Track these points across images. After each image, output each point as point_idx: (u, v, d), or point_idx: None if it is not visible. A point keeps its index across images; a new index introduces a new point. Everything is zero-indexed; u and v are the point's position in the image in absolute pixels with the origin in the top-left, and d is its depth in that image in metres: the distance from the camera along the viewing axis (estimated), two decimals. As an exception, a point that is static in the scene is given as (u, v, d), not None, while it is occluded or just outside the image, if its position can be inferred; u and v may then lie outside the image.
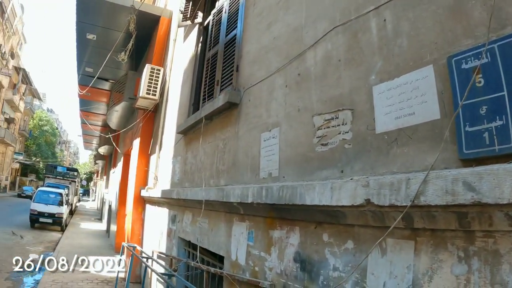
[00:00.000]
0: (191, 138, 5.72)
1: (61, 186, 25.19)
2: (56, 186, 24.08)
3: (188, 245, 5.58)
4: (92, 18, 11.13)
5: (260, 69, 3.88)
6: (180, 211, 5.72)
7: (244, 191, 3.38)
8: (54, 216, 18.64)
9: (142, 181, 8.83)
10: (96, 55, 13.55)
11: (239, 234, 3.71)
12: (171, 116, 7.45)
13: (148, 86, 8.35)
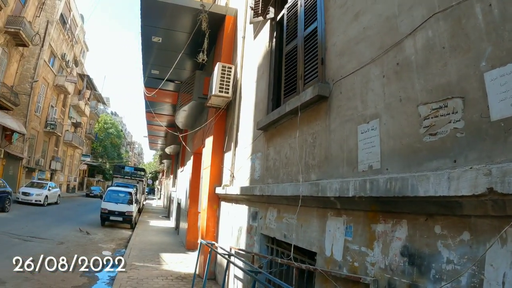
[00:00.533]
0: (273, 134, 5.74)
1: (130, 185, 26.07)
2: (125, 186, 24.91)
3: (271, 242, 5.61)
4: (157, 21, 11.41)
5: (351, 61, 3.83)
6: (263, 208, 5.76)
7: (344, 185, 3.33)
8: (124, 215, 19.36)
9: (216, 179, 8.98)
10: (161, 57, 13.92)
11: (334, 229, 3.67)
12: (247, 113, 7.51)
13: (221, 84, 8.46)
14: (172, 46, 13.14)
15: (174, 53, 13.45)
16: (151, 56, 14.00)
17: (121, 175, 34.18)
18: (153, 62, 14.55)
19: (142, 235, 16.20)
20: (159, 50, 13.43)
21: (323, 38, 4.54)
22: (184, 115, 13.57)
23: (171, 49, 13.36)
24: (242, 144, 7.51)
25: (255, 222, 6.06)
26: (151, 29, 11.92)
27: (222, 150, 9.10)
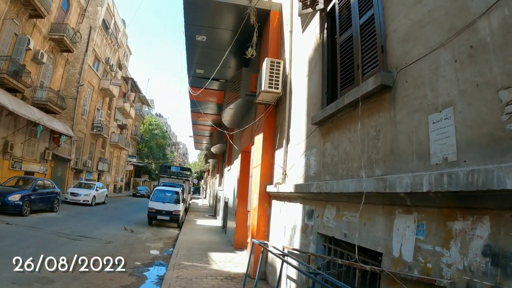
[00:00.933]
0: (329, 129, 5.56)
1: (176, 185, 26.34)
2: (171, 185, 25.19)
3: (328, 241, 5.44)
4: (200, 19, 11.40)
5: (416, 47, 3.62)
6: (320, 206, 5.59)
7: (416, 179, 3.12)
8: (171, 214, 19.57)
9: (267, 177, 8.87)
10: (206, 56, 13.94)
11: (403, 228, 3.47)
12: (298, 109, 7.36)
13: (270, 80, 8.33)
14: (216, 45, 13.13)
15: (218, 51, 13.45)
16: (196, 55, 14.05)
17: (168, 174, 34.59)
18: (198, 62, 14.61)
19: (190, 234, 16.33)
20: (203, 49, 13.46)
21: (381, 25, 4.34)
22: (231, 114, 13.54)
23: (215, 48, 13.36)
24: (294, 141, 7.36)
25: (311, 221, 5.90)
26: (194, 28, 11.95)
27: (273, 147, 8.98)
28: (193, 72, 15.83)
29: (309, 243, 5.95)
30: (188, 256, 11.13)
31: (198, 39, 12.71)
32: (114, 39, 44.00)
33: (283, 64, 8.56)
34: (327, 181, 5.27)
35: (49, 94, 27.81)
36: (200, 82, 15.61)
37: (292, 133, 7.58)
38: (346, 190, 4.39)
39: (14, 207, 16.37)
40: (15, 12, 22.50)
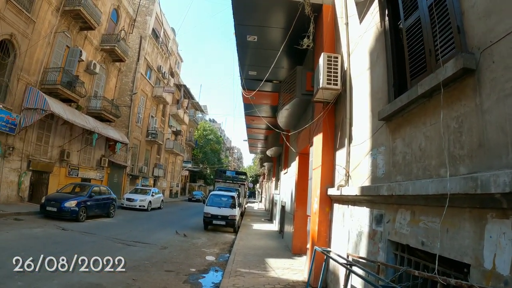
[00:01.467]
0: (399, 124, 5.07)
1: (232, 189, 26.29)
2: (227, 190, 25.16)
3: (401, 249, 4.95)
4: (250, 18, 11.16)
5: (503, 21, 3.11)
6: (390, 210, 5.10)
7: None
8: (227, 219, 19.46)
9: (327, 180, 8.42)
10: (258, 57, 13.71)
11: (497, 235, 2.95)
12: (360, 105, 6.90)
13: (328, 76, 7.91)
14: (268, 44, 12.86)
15: (270, 51, 13.17)
16: (247, 56, 13.85)
17: (223, 179, 34.75)
18: (250, 63, 14.40)
19: (246, 239, 16.10)
20: (255, 49, 13.23)
21: (454, 2, 3.85)
22: (287, 115, 13.16)
23: (267, 47, 13.09)
24: (357, 140, 6.89)
25: (380, 227, 5.42)
26: (245, 28, 11.74)
27: (333, 148, 8.53)
28: (245, 74, 15.64)
29: (377, 251, 5.48)
30: (244, 263, 10.86)
31: (249, 39, 12.50)
32: (165, 47, 44.98)
33: (340, 58, 8.12)
34: (399, 182, 4.77)
35: (103, 103, 28.58)
36: (253, 84, 15.40)
37: (355, 131, 7.11)
38: (425, 192, 3.89)
39: (70, 213, 16.81)
40: (65, 25, 23.29)
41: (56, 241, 12.00)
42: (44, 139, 22.80)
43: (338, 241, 7.66)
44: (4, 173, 19.15)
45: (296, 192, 13.11)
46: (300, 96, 10.85)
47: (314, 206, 8.79)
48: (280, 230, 18.95)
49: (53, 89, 21.70)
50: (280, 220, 19.50)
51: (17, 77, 19.52)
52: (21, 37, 19.31)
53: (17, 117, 19.53)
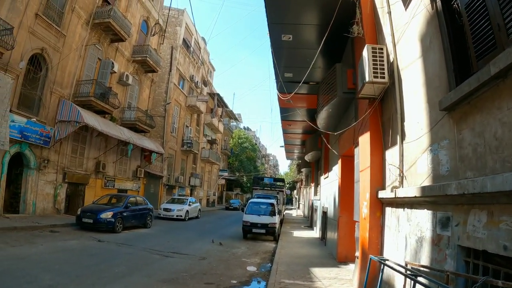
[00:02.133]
0: (465, 112, 4.48)
1: (270, 196, 25.86)
2: (266, 197, 24.76)
3: (474, 256, 4.36)
4: (284, 16, 10.81)
5: None
6: (459, 211, 4.50)
7: None
8: (267, 227, 18.99)
9: (377, 182, 7.84)
10: (293, 57, 13.32)
11: None
12: (413, 97, 6.32)
13: (374, 69, 7.36)
14: (304, 43, 12.45)
15: (306, 50, 12.74)
16: (283, 57, 13.48)
17: (260, 186, 34.42)
18: (285, 64, 14.02)
19: (287, 248, 15.59)
20: (290, 49, 12.85)
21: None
22: (327, 116, 12.64)
23: (303, 47, 12.69)
24: (411, 135, 6.30)
25: (446, 231, 4.83)
26: (279, 27, 11.38)
27: (381, 147, 7.96)
28: (281, 77, 15.24)
29: (444, 258, 4.88)
30: (288, 273, 10.35)
31: (284, 39, 12.12)
32: (196, 56, 45.30)
33: (385, 50, 7.58)
34: (472, 178, 4.18)
35: (138, 114, 28.82)
36: (289, 87, 14.98)
37: (408, 126, 6.52)
38: (509, 188, 3.32)
39: (106, 224, 16.78)
40: (96, 38, 23.61)
41: (91, 253, 11.84)
42: (79, 151, 23.05)
43: (392, 248, 7.07)
44: (39, 185, 19.34)
45: (340, 197, 12.53)
46: (341, 95, 10.37)
47: (363, 211, 8.22)
48: (322, 237, 18.36)
49: (86, 101, 21.90)
50: (321, 227, 18.92)
51: (50, 90, 19.77)
52: (52, 51, 19.54)
53: (51, 130, 19.78)
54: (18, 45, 16.85)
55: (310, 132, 24.67)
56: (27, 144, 18.30)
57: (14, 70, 16.82)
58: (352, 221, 10.92)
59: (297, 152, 35.39)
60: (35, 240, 12.73)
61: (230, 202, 55.82)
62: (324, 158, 19.30)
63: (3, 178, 16.90)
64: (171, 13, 37.30)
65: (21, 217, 17.26)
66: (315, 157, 23.79)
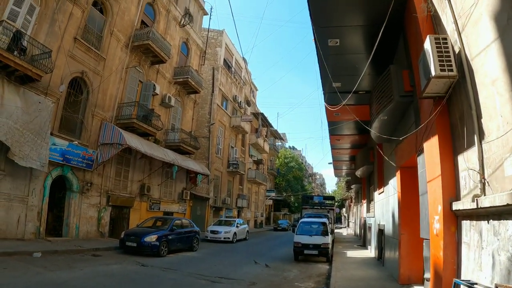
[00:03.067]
0: None
1: (321, 215, 24.73)
2: (317, 216, 23.70)
3: None
4: (330, 17, 10.12)
5: None
6: None
7: None
8: (319, 247, 17.88)
9: (449, 191, 6.80)
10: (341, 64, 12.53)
11: None
12: (490, 87, 5.36)
13: (440, 61, 6.45)
14: (352, 47, 11.71)
15: (355, 56, 12.03)
16: (330, 65, 12.72)
17: (310, 205, 33.33)
18: (333, 73, 13.21)
19: (343, 269, 14.50)
20: (337, 55, 12.09)
21: None
22: (381, 125, 11.66)
23: (352, 51, 11.95)
24: (492, 133, 5.31)
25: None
26: (325, 31, 10.70)
27: (451, 151, 6.96)
28: (328, 87, 14.45)
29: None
30: (349, 298, 9.37)
31: (330, 44, 11.40)
32: (238, 77, 45.22)
33: (449, 40, 6.66)
34: None
35: (181, 135, 28.53)
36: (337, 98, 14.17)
37: (486, 123, 5.53)
38: None
39: (151, 248, 16.25)
40: (136, 60, 23.61)
41: (133, 278, 11.27)
42: (123, 173, 22.82)
43: (472, 269, 6.01)
44: (82, 208, 19.11)
45: (400, 213, 11.39)
46: (398, 99, 9.48)
47: (435, 226, 7.17)
48: (379, 257, 17.15)
49: (128, 124, 21.73)
50: (377, 246, 17.71)
51: (91, 113, 19.72)
52: (92, 74, 19.53)
53: (94, 153, 19.63)
54: (58, 69, 16.87)
55: (360, 146, 23.66)
56: (69, 167, 18.16)
57: (54, 94, 16.78)
58: (416, 239, 9.94)
59: (345, 168, 34.34)
60: (76, 265, 12.30)
61: (278, 222, 54.98)
62: (377, 172, 18.14)
63: (45, 201, 16.71)
64: (210, 34, 37.42)
65: (64, 241, 16.97)
66: (366, 172, 22.67)
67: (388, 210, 14.70)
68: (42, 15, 16.09)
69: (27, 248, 13.33)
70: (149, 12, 25.28)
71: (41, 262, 11.75)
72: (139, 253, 15.99)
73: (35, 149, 15.23)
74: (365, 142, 22.41)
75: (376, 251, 18.08)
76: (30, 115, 15.02)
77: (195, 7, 32.62)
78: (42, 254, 12.86)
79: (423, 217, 8.61)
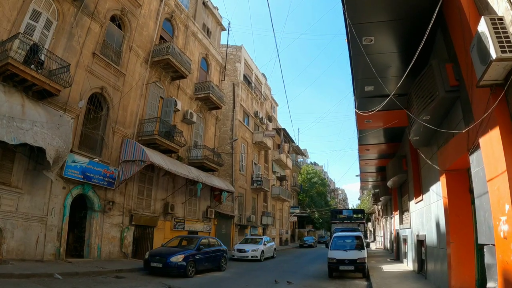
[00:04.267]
0: None
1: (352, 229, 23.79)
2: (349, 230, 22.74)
3: None
4: (368, 13, 9.57)
5: None
6: None
7: None
8: (355, 262, 16.77)
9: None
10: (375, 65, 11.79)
11: None
12: None
13: (499, 43, 5.78)
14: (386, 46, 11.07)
15: (390, 55, 11.35)
16: (361, 68, 12.19)
17: (339, 220, 32.31)
18: (365, 75, 12.62)
19: (384, 285, 13.58)
20: (371, 55, 11.43)
21: None
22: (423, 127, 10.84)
23: (387, 50, 11.44)
24: None
25: None
26: (360, 28, 10.19)
27: None
28: (359, 92, 13.82)
29: None
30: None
31: (364, 43, 10.80)
32: (259, 92, 44.84)
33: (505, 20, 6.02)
34: None
35: (205, 152, 27.90)
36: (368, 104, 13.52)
37: None
38: None
39: (177, 268, 15.53)
40: (156, 76, 23.18)
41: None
42: (146, 192, 22.13)
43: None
44: (104, 228, 18.40)
45: (448, 219, 10.46)
46: (444, 95, 8.83)
47: (501, 228, 6.33)
48: (419, 269, 16.19)
49: (151, 140, 21.12)
50: (416, 258, 16.71)
51: (112, 130, 19.19)
52: (112, 90, 19.12)
53: (115, 171, 19.00)
54: (77, 84, 16.50)
55: (389, 156, 22.89)
56: (90, 186, 17.54)
57: (73, 110, 16.31)
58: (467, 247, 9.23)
59: (372, 180, 33.54)
60: (98, 287, 11.67)
61: (304, 239, 54.12)
62: (413, 180, 17.20)
63: (66, 221, 16.01)
64: (229, 50, 37.09)
65: (85, 262, 16.25)
66: (398, 182, 21.82)
67: (429, 219, 13.83)
68: (60, 30, 15.77)
69: (46, 269, 12.68)
70: (167, 28, 24.99)
71: (61, 285, 11.06)
72: (165, 274, 15.28)
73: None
74: (395, 151, 21.63)
75: (416, 264, 17.12)
76: (54, 124, 14.52)
77: (213, 22, 32.36)
78: (62, 276, 12.12)
79: (481, 221, 7.76)
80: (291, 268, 22.06)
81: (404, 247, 21.89)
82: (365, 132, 18.26)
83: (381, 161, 25.16)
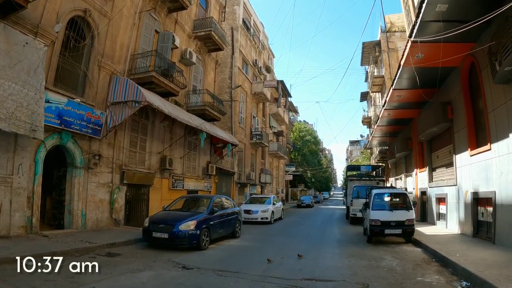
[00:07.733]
0: None
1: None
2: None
3: None
4: None
5: None
6: None
7: None
8: (403, 225, 14.20)
9: None
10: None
11: None
12: None
13: None
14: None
15: None
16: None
17: (357, 177, 29.60)
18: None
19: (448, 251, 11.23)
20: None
21: None
22: None
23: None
24: None
25: None
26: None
27: None
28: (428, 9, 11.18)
29: None
30: None
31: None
32: (257, 39, 41.76)
33: None
34: None
35: (205, 98, 24.39)
36: (430, 30, 11.00)
37: None
38: None
39: (189, 238, 12.47)
40: (151, 5, 19.48)
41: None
42: (140, 143, 18.73)
43: None
44: (89, 190, 14.97)
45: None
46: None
47: None
48: (475, 233, 14.11)
49: (146, 78, 17.50)
50: (471, 219, 14.55)
51: (97, 64, 15.49)
52: (98, 14, 15.34)
53: (102, 115, 15.32)
54: (53, 3, 12.93)
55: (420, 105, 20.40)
56: (70, 134, 13.98)
57: (48, 35, 12.68)
58: None
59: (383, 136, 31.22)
60: (83, 277, 7.60)
61: (301, 199, 52.21)
62: (468, 128, 14.72)
63: (38, 181, 12.60)
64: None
65: (66, 234, 13.05)
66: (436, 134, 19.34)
67: (503, 173, 11.50)
68: None
69: (10, 251, 9.17)
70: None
71: (28, 279, 7.18)
72: (173, 247, 12.35)
73: (25, 105, 11.12)
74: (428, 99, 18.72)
75: (465, 227, 14.94)
76: (12, 59, 10.91)
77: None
78: (35, 259, 7.35)
79: None
80: (310, 232, 19.79)
81: (437, 208, 19.65)
82: (406, 71, 15.65)
83: (406, 111, 22.61)
